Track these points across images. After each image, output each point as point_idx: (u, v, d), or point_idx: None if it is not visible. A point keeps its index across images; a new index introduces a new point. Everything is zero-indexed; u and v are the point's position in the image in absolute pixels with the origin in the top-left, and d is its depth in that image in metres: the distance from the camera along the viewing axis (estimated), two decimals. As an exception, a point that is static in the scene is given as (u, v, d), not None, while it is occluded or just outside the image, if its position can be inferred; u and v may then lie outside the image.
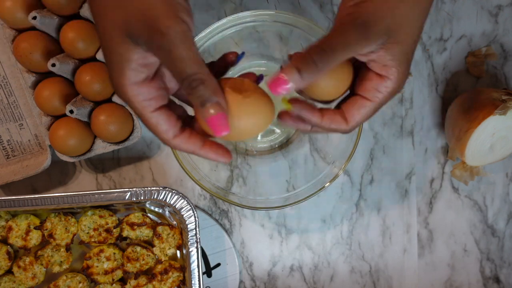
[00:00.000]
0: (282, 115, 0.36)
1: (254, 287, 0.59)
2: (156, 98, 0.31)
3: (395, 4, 0.31)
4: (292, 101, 0.35)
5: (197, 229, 0.52)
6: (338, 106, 0.36)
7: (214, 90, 0.30)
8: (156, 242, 0.54)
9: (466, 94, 0.54)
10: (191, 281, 0.51)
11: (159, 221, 0.55)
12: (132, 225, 0.54)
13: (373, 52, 0.32)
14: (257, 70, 0.56)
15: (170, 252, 0.54)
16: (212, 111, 0.30)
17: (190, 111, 0.35)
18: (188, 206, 0.52)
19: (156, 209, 0.55)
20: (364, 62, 0.34)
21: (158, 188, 0.52)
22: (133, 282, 0.54)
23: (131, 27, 0.29)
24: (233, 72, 0.56)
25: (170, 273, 0.53)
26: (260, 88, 0.34)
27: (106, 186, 0.58)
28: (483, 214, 0.59)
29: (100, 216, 0.54)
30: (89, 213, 0.54)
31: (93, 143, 0.54)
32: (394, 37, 0.31)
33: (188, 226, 0.52)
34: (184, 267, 0.54)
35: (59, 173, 0.58)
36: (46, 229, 0.53)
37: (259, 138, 0.56)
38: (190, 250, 0.51)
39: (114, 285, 0.54)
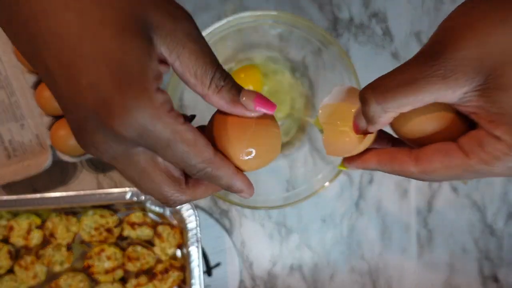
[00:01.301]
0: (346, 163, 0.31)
1: (254, 287, 0.59)
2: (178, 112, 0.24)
3: (489, 30, 0.21)
4: (346, 163, 0.30)
5: (198, 228, 0.52)
6: None
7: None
8: (156, 241, 0.54)
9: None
10: (192, 280, 0.51)
11: (160, 221, 0.55)
12: (132, 225, 0.54)
13: (467, 99, 0.22)
14: (257, 70, 0.56)
15: (170, 251, 0.54)
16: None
17: None
18: (189, 205, 0.52)
19: (157, 209, 0.55)
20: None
21: (158, 188, 0.52)
22: (133, 281, 0.54)
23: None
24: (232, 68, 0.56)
25: (171, 273, 0.53)
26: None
27: (106, 186, 0.58)
28: (482, 214, 0.59)
29: (101, 216, 0.54)
30: (90, 212, 0.54)
31: (94, 143, 0.54)
32: (495, 79, 0.21)
33: (189, 225, 0.52)
34: (184, 267, 0.54)
35: (60, 173, 0.58)
36: (47, 229, 0.53)
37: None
38: (190, 249, 0.52)
39: (114, 284, 0.54)
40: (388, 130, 0.29)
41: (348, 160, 0.29)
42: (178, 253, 0.55)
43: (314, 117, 0.30)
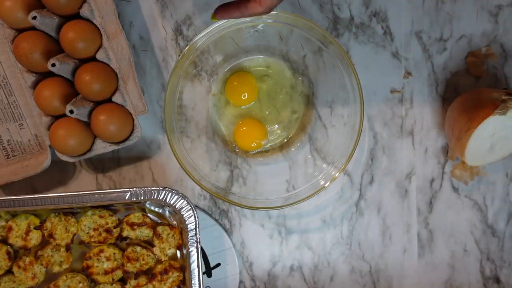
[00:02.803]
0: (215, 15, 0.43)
1: (254, 287, 0.59)
2: None
3: None
4: (216, 14, 0.43)
5: (197, 229, 0.52)
6: None
7: None
8: (156, 242, 0.54)
9: (466, 94, 0.54)
10: (191, 281, 0.51)
11: (159, 221, 0.55)
12: (132, 225, 0.54)
13: None
14: (257, 70, 0.56)
15: (170, 252, 0.54)
16: None
17: None
18: (188, 206, 0.52)
19: (156, 209, 0.55)
20: None
21: (158, 188, 0.52)
22: (133, 282, 0.54)
23: None
24: (232, 67, 0.56)
25: (170, 273, 0.53)
26: None
27: (106, 186, 0.58)
28: (483, 214, 0.59)
29: (100, 216, 0.54)
30: (89, 213, 0.54)
31: (93, 143, 0.54)
32: None
33: (188, 226, 0.52)
34: (184, 267, 0.54)
35: (59, 173, 0.58)
36: (46, 229, 0.53)
37: (263, 142, 0.56)
38: (190, 250, 0.52)
39: (114, 285, 0.54)
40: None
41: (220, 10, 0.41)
42: (178, 253, 0.55)
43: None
